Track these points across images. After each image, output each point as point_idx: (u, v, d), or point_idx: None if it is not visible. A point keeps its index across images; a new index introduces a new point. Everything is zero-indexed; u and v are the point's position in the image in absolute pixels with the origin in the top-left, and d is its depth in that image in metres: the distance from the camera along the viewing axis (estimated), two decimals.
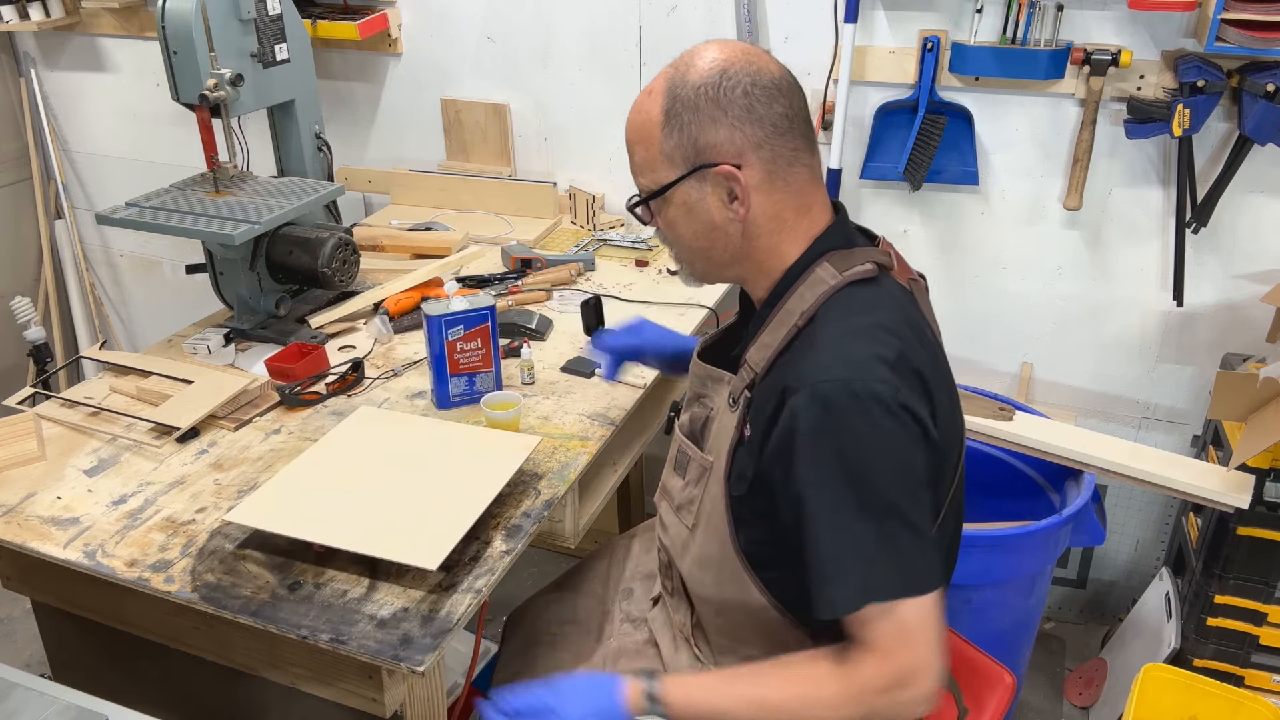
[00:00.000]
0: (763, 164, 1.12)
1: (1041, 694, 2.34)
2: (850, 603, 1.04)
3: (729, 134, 1.11)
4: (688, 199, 1.15)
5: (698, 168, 1.13)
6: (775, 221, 1.15)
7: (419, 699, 1.30)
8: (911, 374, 1.08)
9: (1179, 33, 1.98)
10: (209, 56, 1.83)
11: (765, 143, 1.11)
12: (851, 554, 1.04)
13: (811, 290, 1.13)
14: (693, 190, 1.14)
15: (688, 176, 1.14)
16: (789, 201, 1.15)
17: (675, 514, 1.29)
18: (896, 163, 2.20)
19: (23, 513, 1.45)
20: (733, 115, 1.10)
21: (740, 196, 1.13)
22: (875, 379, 1.04)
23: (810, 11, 2.20)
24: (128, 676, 1.54)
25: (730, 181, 1.12)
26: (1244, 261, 2.11)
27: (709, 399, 1.24)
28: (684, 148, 1.13)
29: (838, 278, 1.12)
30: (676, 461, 1.30)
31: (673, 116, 1.12)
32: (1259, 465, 1.88)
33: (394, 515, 1.35)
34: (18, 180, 3.14)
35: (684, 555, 1.28)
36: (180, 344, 1.93)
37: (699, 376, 1.27)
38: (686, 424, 1.28)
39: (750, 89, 1.10)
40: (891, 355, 1.06)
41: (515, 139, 2.60)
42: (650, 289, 2.15)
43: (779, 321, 1.14)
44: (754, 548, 1.18)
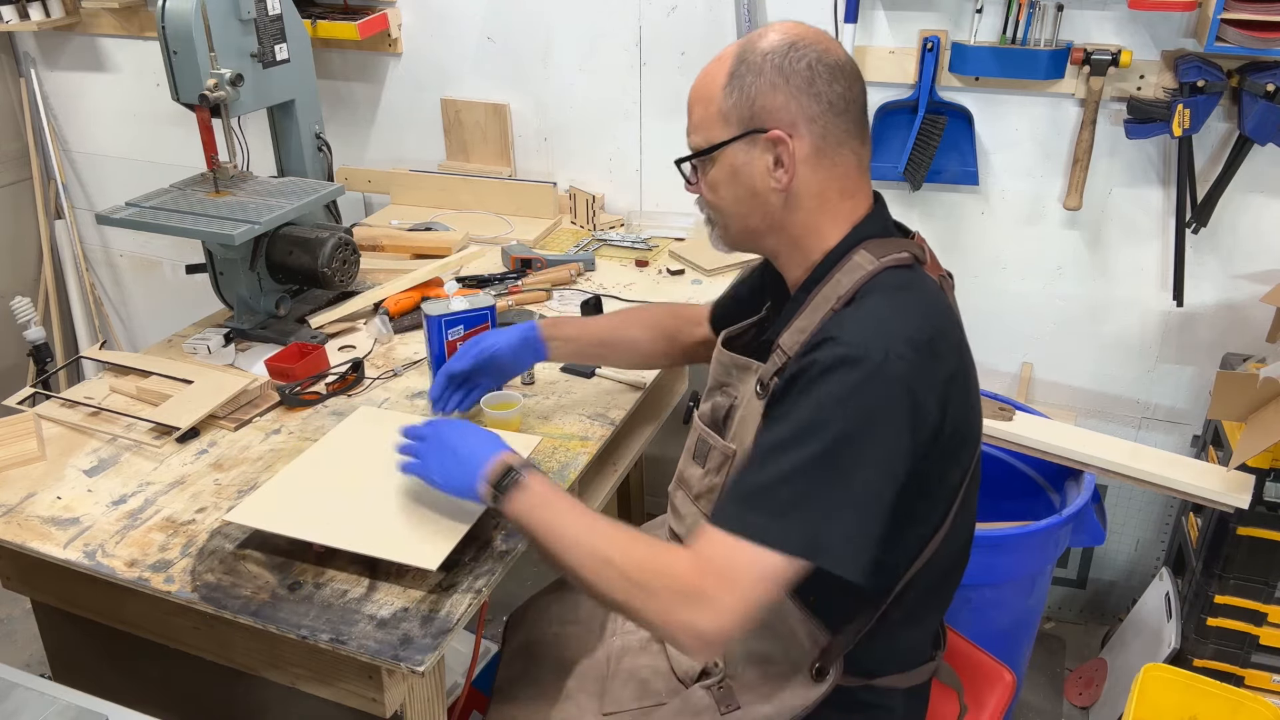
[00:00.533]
0: (813, 138, 1.13)
1: (1041, 694, 2.34)
2: (726, 521, 1.04)
3: (785, 101, 1.12)
4: (735, 161, 1.16)
5: (750, 131, 1.14)
6: (817, 199, 1.16)
7: (419, 699, 1.30)
8: (934, 361, 1.07)
9: (1179, 33, 1.98)
10: (209, 56, 1.83)
11: (819, 118, 1.13)
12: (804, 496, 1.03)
13: (849, 276, 1.13)
14: (741, 153, 1.15)
15: (740, 138, 1.15)
16: (833, 182, 1.16)
17: (693, 503, 1.29)
18: (896, 163, 2.20)
19: (23, 513, 1.45)
20: (794, 84, 1.12)
21: (786, 164, 1.14)
22: (895, 355, 1.03)
23: (810, 11, 2.19)
24: (128, 676, 1.54)
25: (779, 147, 1.13)
26: (1244, 261, 2.11)
27: (733, 388, 1.24)
28: (741, 108, 1.14)
29: (875, 263, 1.13)
30: (696, 451, 1.29)
31: (736, 77, 1.14)
32: (1259, 465, 1.88)
33: (394, 515, 1.35)
34: (18, 180, 3.14)
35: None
36: (180, 344, 1.93)
37: (723, 365, 1.26)
38: (708, 413, 1.28)
39: (815, 64, 1.12)
40: (922, 337, 1.06)
41: (515, 139, 2.60)
42: (650, 289, 2.15)
43: (815, 306, 1.14)
44: None
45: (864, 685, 1.24)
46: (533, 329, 1.58)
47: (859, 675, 1.23)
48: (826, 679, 1.21)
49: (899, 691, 1.27)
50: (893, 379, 1.03)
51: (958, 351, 1.13)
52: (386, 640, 1.20)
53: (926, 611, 1.26)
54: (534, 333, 1.57)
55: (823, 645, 1.21)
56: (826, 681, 1.21)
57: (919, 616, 1.25)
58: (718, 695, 1.28)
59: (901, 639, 1.25)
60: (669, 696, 1.33)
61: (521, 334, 1.57)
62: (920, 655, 1.30)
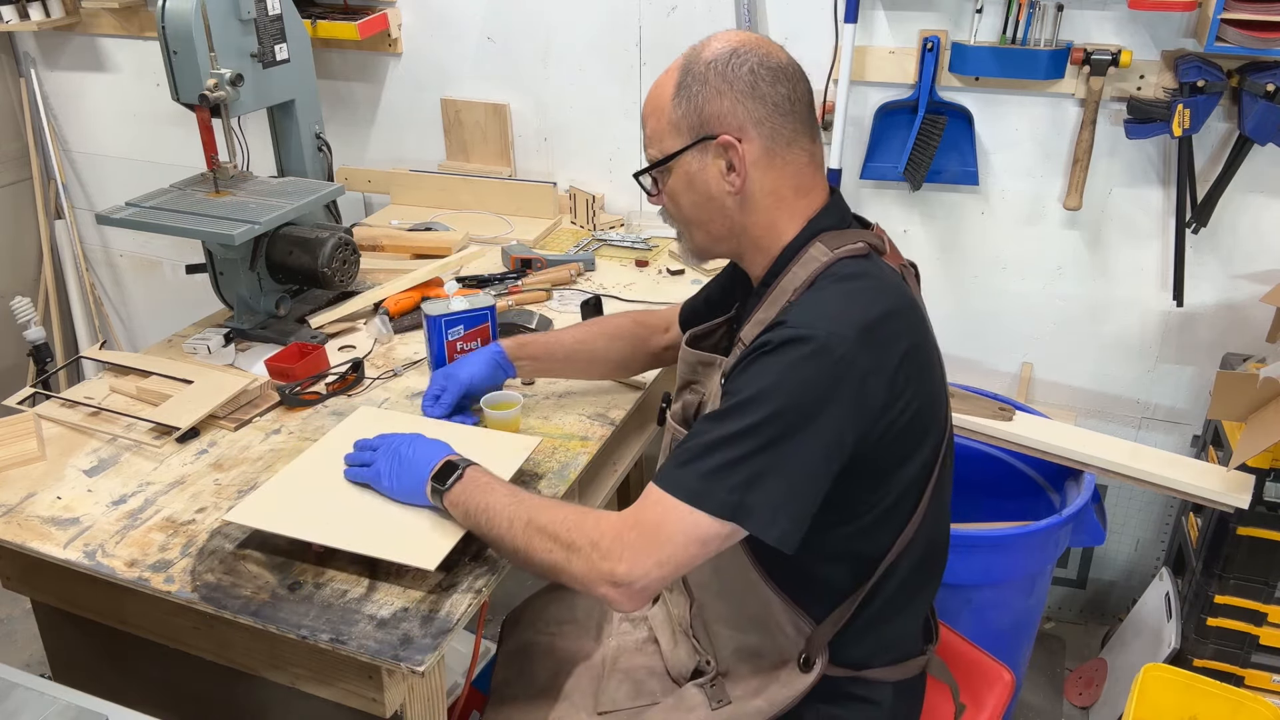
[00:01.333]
0: (762, 140, 1.17)
1: (1041, 694, 2.34)
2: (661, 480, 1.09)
3: (732, 107, 1.16)
4: (689, 169, 1.19)
5: (701, 138, 1.17)
6: (772, 198, 1.19)
7: (419, 699, 1.30)
8: (881, 345, 1.08)
9: (1179, 33, 1.98)
10: (209, 56, 1.83)
11: (766, 120, 1.16)
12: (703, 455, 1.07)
13: (804, 268, 1.16)
14: (694, 160, 1.19)
15: (691, 147, 1.18)
16: (786, 181, 1.19)
17: None
18: (896, 163, 2.20)
19: (23, 513, 1.45)
20: (737, 90, 1.15)
21: (737, 168, 1.17)
22: (838, 336, 1.06)
23: (810, 11, 2.20)
24: (128, 676, 1.54)
25: (729, 152, 1.16)
26: (1244, 261, 2.11)
27: (700, 384, 1.26)
28: (690, 117, 1.17)
29: (829, 255, 1.16)
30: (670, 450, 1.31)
31: (683, 88, 1.17)
32: (1259, 465, 1.88)
33: (394, 515, 1.35)
34: (18, 180, 3.14)
35: None
36: (180, 344, 1.93)
37: (689, 363, 1.29)
38: (679, 412, 1.30)
39: (756, 68, 1.16)
40: (869, 320, 1.08)
41: (515, 139, 2.60)
42: (650, 289, 2.15)
43: (773, 299, 1.17)
44: None
45: (851, 677, 1.25)
46: (499, 352, 1.61)
47: (846, 667, 1.25)
48: (814, 669, 1.22)
49: (888, 684, 1.28)
50: (836, 359, 1.05)
51: (911, 336, 1.14)
52: (386, 640, 1.20)
53: (908, 601, 1.26)
54: (501, 356, 1.61)
55: (807, 634, 1.22)
56: (814, 671, 1.22)
57: (900, 605, 1.25)
58: (710, 692, 1.29)
59: (886, 630, 1.26)
60: (663, 695, 1.34)
61: (489, 359, 1.61)
62: (909, 649, 1.31)
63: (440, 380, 1.59)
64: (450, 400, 1.57)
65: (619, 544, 1.08)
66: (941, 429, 1.20)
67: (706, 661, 1.32)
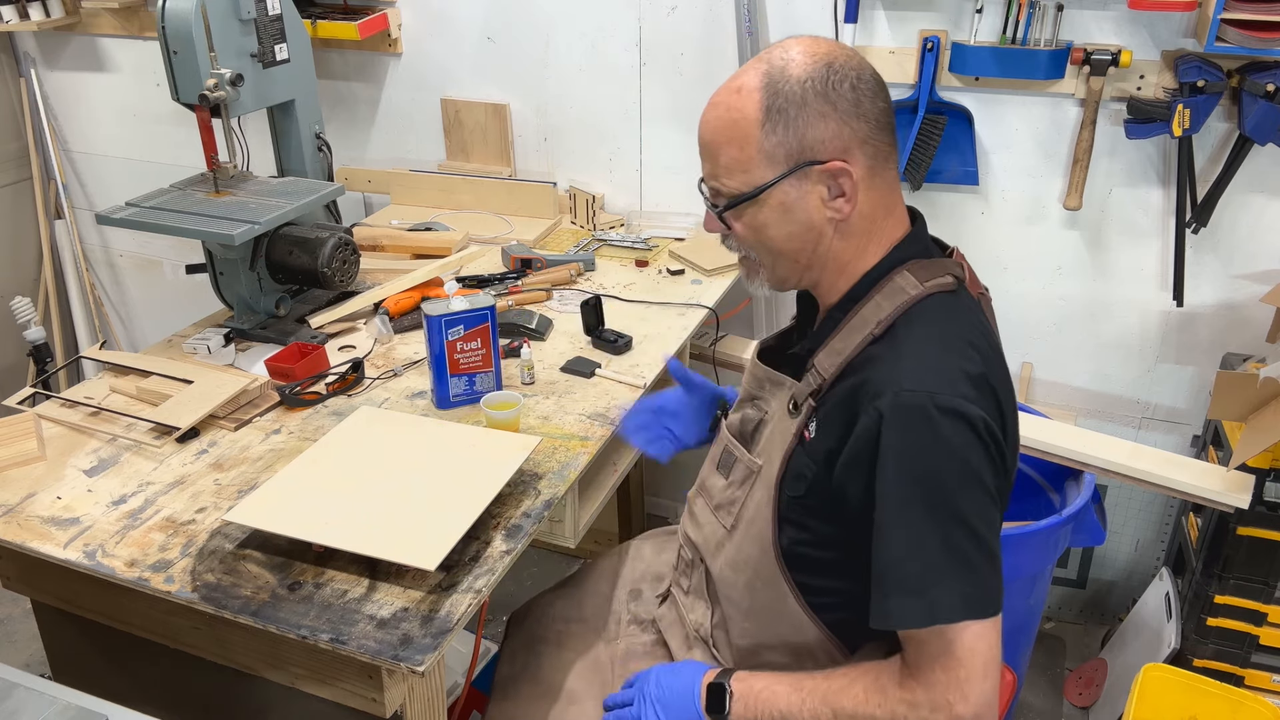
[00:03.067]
0: (866, 160, 1.10)
1: (1041, 694, 2.34)
2: (915, 618, 1.03)
3: (838, 129, 1.07)
4: (786, 199, 1.10)
5: (801, 165, 1.09)
6: (867, 222, 1.13)
7: (419, 699, 1.30)
8: (990, 392, 1.06)
9: (1179, 33, 1.98)
10: (209, 56, 1.83)
11: (870, 139, 1.09)
12: (923, 567, 1.03)
13: (890, 300, 1.11)
14: (792, 189, 1.10)
15: (789, 175, 1.09)
16: (881, 201, 1.13)
17: (712, 512, 1.27)
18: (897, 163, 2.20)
19: (23, 513, 1.45)
20: (842, 110, 1.07)
21: (848, 193, 1.09)
22: (960, 395, 1.02)
23: (810, 11, 2.20)
24: (128, 676, 1.54)
25: (840, 178, 1.09)
26: (1244, 261, 2.11)
27: (764, 401, 1.22)
28: (788, 144, 1.08)
29: (919, 288, 1.10)
30: (721, 461, 1.27)
31: (776, 112, 1.07)
32: (1259, 465, 1.88)
33: (394, 515, 1.35)
34: (18, 180, 3.14)
35: (717, 555, 1.26)
36: (180, 344, 1.93)
37: (756, 378, 1.24)
38: (736, 424, 1.26)
39: (857, 84, 1.08)
40: (975, 371, 1.05)
41: (515, 139, 2.60)
42: (650, 289, 2.15)
43: (853, 328, 1.11)
44: (797, 548, 1.17)
45: None
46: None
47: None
48: None
49: None
50: (965, 417, 1.02)
51: (1005, 376, 1.13)
52: (386, 640, 1.20)
53: None
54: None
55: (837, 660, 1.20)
56: None
57: None
58: None
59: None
60: None
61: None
62: None
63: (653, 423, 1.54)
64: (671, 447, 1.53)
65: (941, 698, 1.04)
66: (1016, 458, 1.18)
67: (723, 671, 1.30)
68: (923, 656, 1.05)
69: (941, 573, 1.02)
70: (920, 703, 1.04)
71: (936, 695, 1.04)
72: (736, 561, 1.23)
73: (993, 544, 1.05)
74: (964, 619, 1.02)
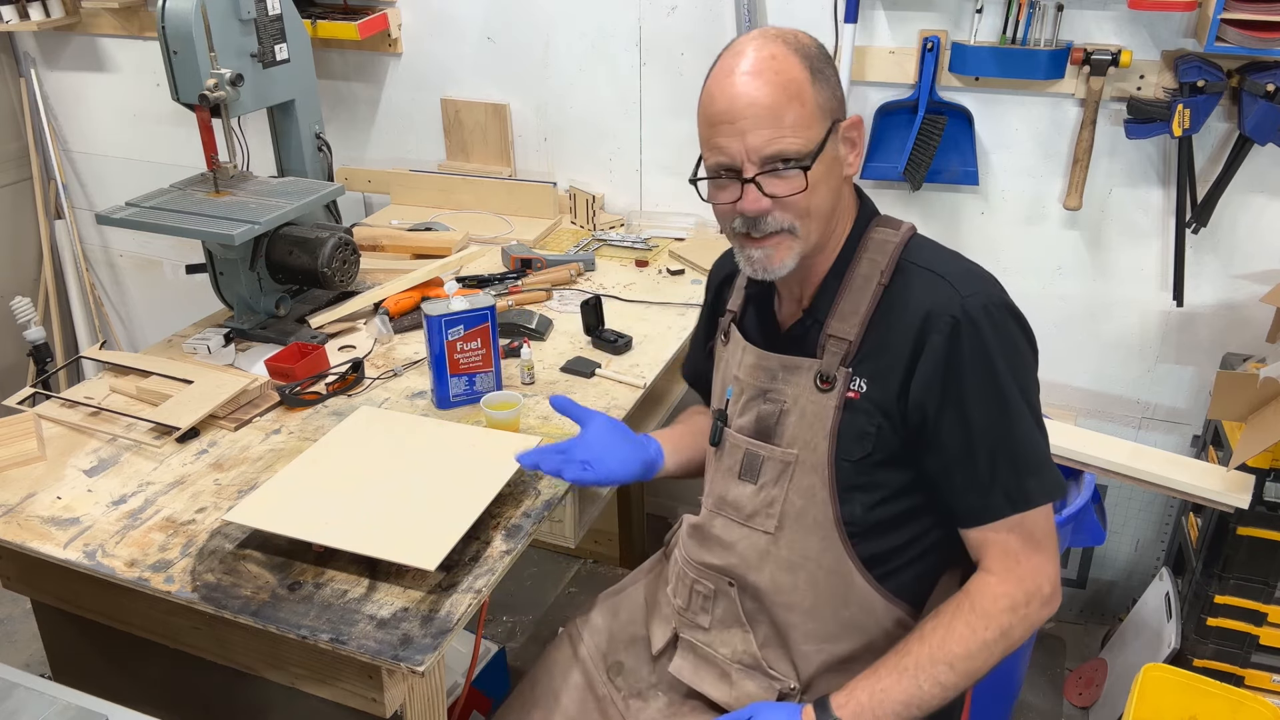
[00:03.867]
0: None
1: (1041, 694, 2.34)
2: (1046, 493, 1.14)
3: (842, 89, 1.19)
4: (833, 154, 1.16)
5: (837, 120, 1.16)
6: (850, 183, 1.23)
7: (419, 699, 1.30)
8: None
9: (1179, 33, 1.98)
10: (209, 56, 1.83)
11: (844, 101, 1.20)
12: (1041, 446, 1.15)
13: (880, 252, 1.19)
14: (832, 147, 1.16)
15: (832, 130, 1.15)
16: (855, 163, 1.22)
17: (745, 525, 1.24)
18: (896, 163, 2.20)
19: (23, 513, 1.45)
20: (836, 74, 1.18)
21: (858, 144, 1.19)
22: (1003, 294, 1.15)
23: (810, 11, 2.19)
24: (128, 676, 1.54)
25: (857, 130, 1.18)
26: (1244, 261, 2.11)
27: (779, 391, 1.21)
28: (831, 101, 1.15)
29: (899, 234, 1.20)
30: (744, 468, 1.24)
31: (817, 72, 1.14)
32: (1259, 465, 1.88)
33: (394, 515, 1.36)
34: (18, 180, 3.14)
35: (763, 565, 1.23)
36: (180, 344, 1.93)
37: (766, 369, 1.22)
38: (750, 425, 1.24)
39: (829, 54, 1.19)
40: (991, 276, 1.17)
41: (515, 139, 2.60)
42: (650, 289, 2.15)
43: (856, 288, 1.18)
44: (871, 514, 1.19)
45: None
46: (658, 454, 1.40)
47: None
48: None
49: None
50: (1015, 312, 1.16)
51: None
52: (386, 640, 1.20)
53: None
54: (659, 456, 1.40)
55: (907, 625, 1.20)
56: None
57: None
58: None
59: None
60: None
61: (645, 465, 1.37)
62: None
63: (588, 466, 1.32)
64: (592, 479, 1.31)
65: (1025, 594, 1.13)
66: None
67: (790, 687, 1.25)
68: (1007, 554, 1.13)
69: (1045, 459, 1.15)
70: (1018, 601, 1.12)
71: (1029, 585, 1.13)
72: (791, 561, 1.21)
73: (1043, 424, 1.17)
74: (1053, 499, 1.14)
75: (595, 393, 1.75)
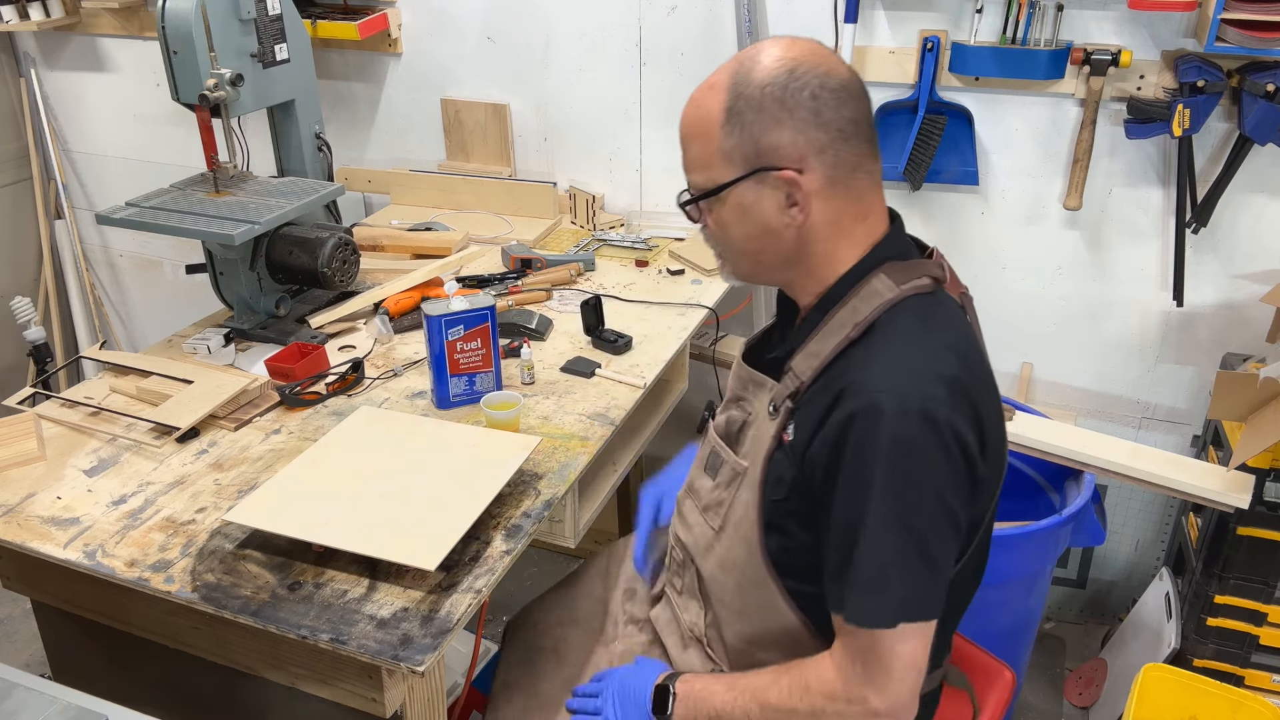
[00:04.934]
0: (825, 169, 1.08)
1: (1041, 694, 2.34)
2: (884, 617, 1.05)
3: (793, 137, 1.07)
4: (743, 201, 1.11)
5: (757, 170, 1.08)
6: (832, 228, 1.11)
7: (419, 699, 1.30)
8: (965, 397, 1.05)
9: (1179, 33, 1.98)
10: (209, 56, 1.83)
11: (829, 148, 1.07)
12: (872, 567, 1.04)
13: (866, 302, 1.10)
14: (749, 192, 1.10)
15: (746, 178, 1.09)
16: (848, 208, 1.11)
17: (701, 514, 1.27)
18: (896, 163, 2.20)
19: (23, 513, 1.45)
20: (798, 118, 1.06)
21: (800, 203, 1.09)
22: (932, 399, 1.02)
23: (810, 11, 2.20)
24: (128, 676, 1.54)
25: (790, 187, 1.08)
26: (1244, 261, 2.11)
27: (748, 403, 1.22)
28: (744, 148, 1.08)
29: (895, 291, 1.09)
30: (708, 462, 1.27)
31: (734, 115, 1.07)
32: (1259, 465, 1.88)
33: (394, 515, 1.36)
34: (18, 180, 3.14)
35: (707, 556, 1.26)
36: (180, 344, 1.93)
37: (740, 379, 1.24)
38: (723, 425, 1.25)
39: (818, 91, 1.06)
40: (950, 374, 1.04)
41: (515, 139, 2.60)
42: (650, 289, 2.15)
43: (829, 331, 1.11)
44: (783, 555, 1.17)
45: None
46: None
47: None
48: None
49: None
50: (936, 424, 1.02)
51: (985, 378, 1.12)
52: (386, 640, 1.20)
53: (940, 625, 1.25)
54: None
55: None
56: None
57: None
58: None
59: None
60: None
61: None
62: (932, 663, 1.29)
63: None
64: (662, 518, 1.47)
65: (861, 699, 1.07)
66: (1004, 460, 1.17)
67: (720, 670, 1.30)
68: (850, 650, 1.08)
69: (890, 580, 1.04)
70: (838, 695, 1.08)
71: (854, 689, 1.07)
72: (725, 563, 1.23)
73: (934, 548, 1.05)
74: (899, 622, 1.04)
75: (595, 393, 1.75)
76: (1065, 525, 1.92)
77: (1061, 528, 1.92)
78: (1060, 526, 1.91)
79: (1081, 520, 1.96)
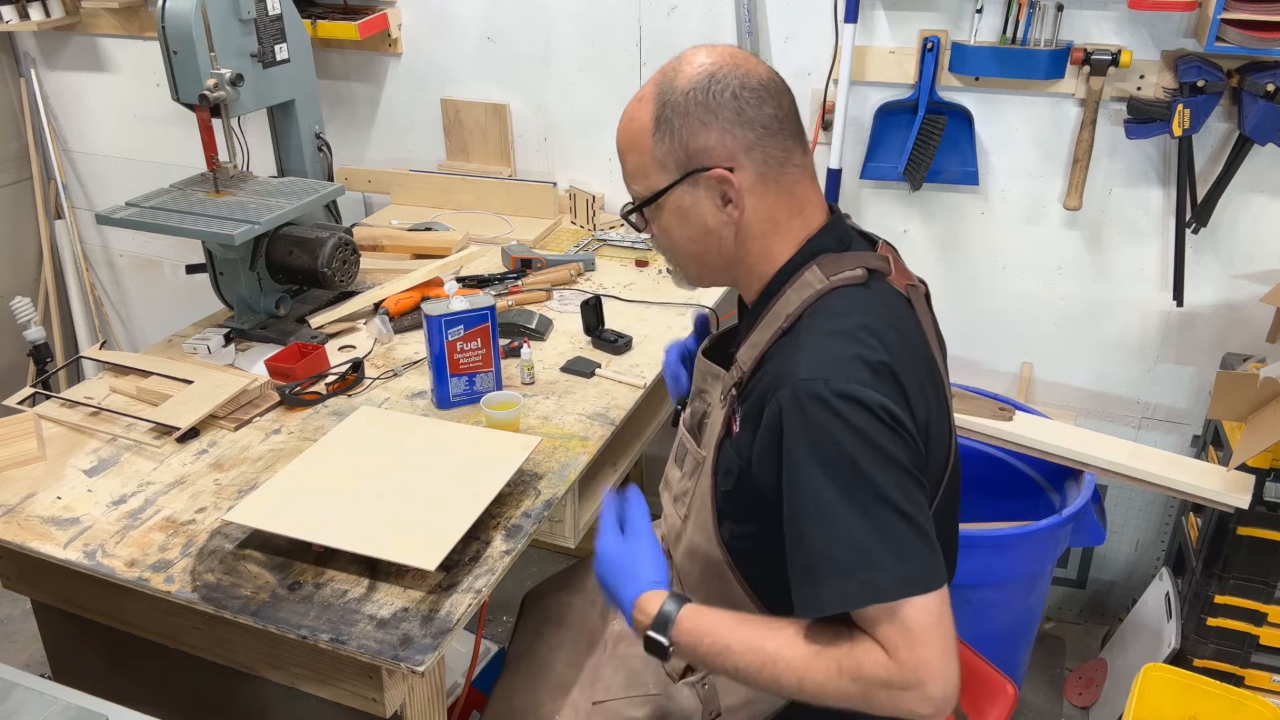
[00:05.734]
0: (754, 166, 1.13)
1: (1041, 694, 2.34)
2: (849, 600, 1.00)
3: (720, 137, 1.11)
4: (681, 204, 1.15)
5: (690, 172, 1.13)
6: (768, 223, 1.16)
7: (419, 699, 1.30)
8: (893, 381, 1.05)
9: (1179, 33, 1.98)
10: (209, 56, 1.83)
11: (756, 145, 1.12)
12: (846, 549, 1.00)
13: (798, 294, 1.13)
14: (686, 195, 1.15)
15: (680, 181, 1.14)
16: (781, 203, 1.15)
17: (673, 504, 1.31)
18: (896, 163, 2.20)
19: (23, 513, 1.45)
20: (723, 119, 1.11)
21: (734, 199, 1.13)
22: (855, 380, 1.02)
23: (810, 11, 2.20)
24: (128, 676, 1.54)
25: (723, 185, 1.12)
26: (1244, 261, 2.11)
27: (708, 394, 1.25)
28: (675, 153, 1.13)
29: (824, 282, 1.12)
30: (677, 454, 1.31)
31: (663, 122, 1.12)
32: (1259, 465, 1.88)
33: (394, 515, 1.36)
34: (18, 180, 3.14)
35: (677, 545, 1.30)
36: (180, 344, 1.93)
37: (701, 372, 1.28)
38: (689, 418, 1.29)
39: (739, 92, 1.11)
40: (874, 359, 1.04)
41: (515, 139, 2.60)
42: (650, 289, 2.15)
43: (766, 323, 1.15)
44: (737, 544, 1.19)
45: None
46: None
47: None
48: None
49: None
50: (861, 401, 1.01)
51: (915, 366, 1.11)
52: (386, 640, 1.20)
53: None
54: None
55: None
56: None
57: None
58: (703, 694, 1.29)
59: None
60: (657, 689, 1.34)
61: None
62: None
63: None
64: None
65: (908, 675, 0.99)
66: (947, 449, 1.18)
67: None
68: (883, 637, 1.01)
69: (875, 554, 1.00)
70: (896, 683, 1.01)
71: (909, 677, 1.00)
72: (691, 551, 1.26)
73: (911, 511, 1.01)
74: (903, 596, 0.99)
75: (595, 393, 1.75)
76: (1065, 525, 1.92)
77: (1061, 528, 1.92)
78: (1060, 526, 1.91)
79: (1081, 520, 1.96)
